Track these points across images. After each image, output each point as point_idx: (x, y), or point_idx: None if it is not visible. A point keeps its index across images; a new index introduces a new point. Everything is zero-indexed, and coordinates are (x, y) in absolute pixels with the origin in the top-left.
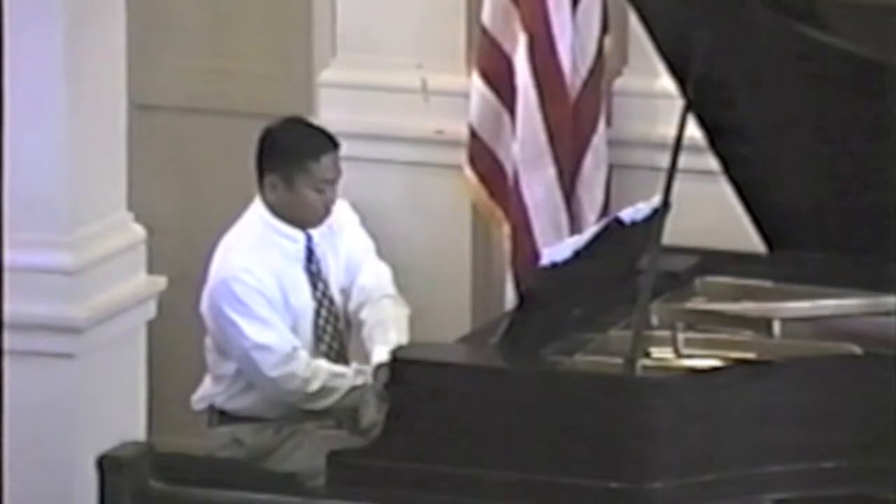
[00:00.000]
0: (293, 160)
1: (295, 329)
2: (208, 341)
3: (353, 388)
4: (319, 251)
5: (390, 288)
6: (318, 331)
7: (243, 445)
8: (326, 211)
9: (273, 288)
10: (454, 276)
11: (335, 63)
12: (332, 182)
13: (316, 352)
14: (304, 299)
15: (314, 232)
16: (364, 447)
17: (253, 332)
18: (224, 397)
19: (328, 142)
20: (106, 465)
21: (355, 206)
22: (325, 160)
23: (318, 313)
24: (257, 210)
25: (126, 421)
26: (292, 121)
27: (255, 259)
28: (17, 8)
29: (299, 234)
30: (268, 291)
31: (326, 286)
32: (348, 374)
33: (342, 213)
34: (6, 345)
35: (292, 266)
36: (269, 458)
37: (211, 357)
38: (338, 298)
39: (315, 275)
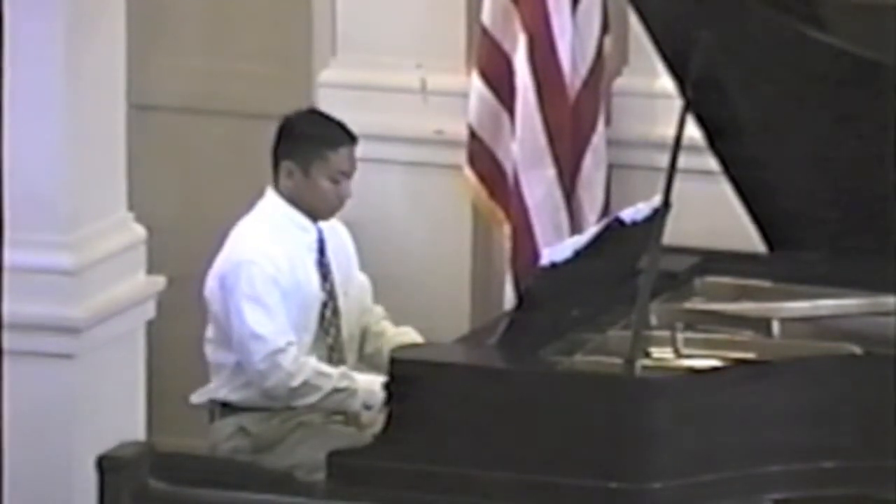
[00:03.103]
0: (312, 148)
1: (304, 320)
2: (209, 331)
3: (336, 391)
4: (328, 248)
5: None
6: (324, 323)
7: (249, 435)
8: (340, 203)
9: (287, 277)
10: (454, 276)
11: (335, 63)
12: (347, 175)
13: (322, 344)
14: (314, 291)
15: (324, 226)
16: (363, 447)
17: (254, 319)
18: (226, 390)
19: (346, 135)
20: (106, 465)
21: (355, 206)
22: (343, 151)
23: (325, 305)
24: (271, 199)
25: (125, 421)
26: (313, 112)
27: (274, 246)
28: (17, 8)
29: (311, 226)
30: (282, 280)
31: (334, 283)
32: (333, 376)
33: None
34: (6, 345)
35: (306, 256)
36: (275, 449)
37: (210, 348)
38: (341, 296)
39: (325, 266)
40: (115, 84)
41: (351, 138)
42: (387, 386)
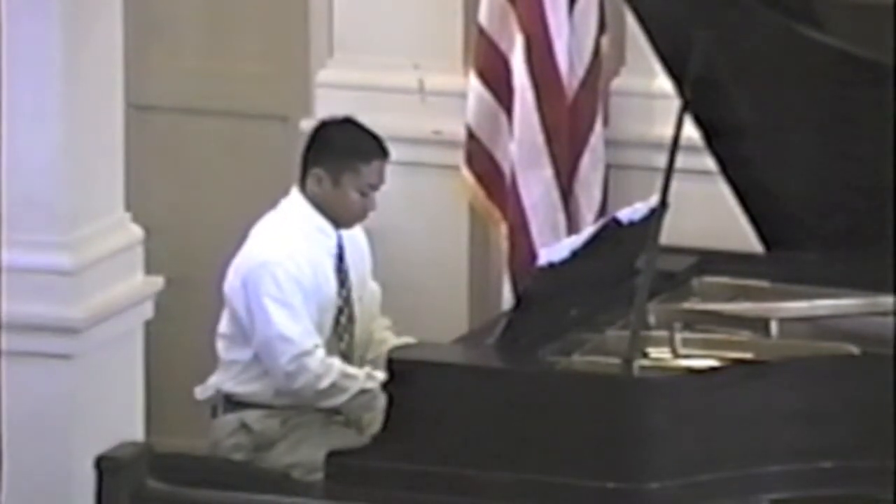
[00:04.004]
0: (345, 159)
1: (320, 323)
2: (222, 326)
3: (363, 392)
4: (347, 254)
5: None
6: (338, 329)
7: (251, 432)
8: (364, 214)
9: (310, 278)
10: (452, 277)
11: (332, 63)
12: (376, 188)
13: (335, 350)
14: (331, 296)
15: (343, 232)
16: (362, 447)
17: (281, 320)
18: (233, 383)
19: (380, 149)
20: (104, 465)
21: None
22: (375, 165)
23: (341, 311)
24: (296, 200)
25: (124, 421)
26: (350, 121)
27: (297, 247)
28: (15, 9)
29: (332, 232)
30: (305, 282)
31: (350, 290)
32: (359, 377)
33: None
34: (4, 345)
35: (326, 261)
36: (275, 447)
37: (223, 343)
38: (356, 302)
39: (344, 273)
40: (112, 84)
41: (384, 153)
42: (385, 386)
